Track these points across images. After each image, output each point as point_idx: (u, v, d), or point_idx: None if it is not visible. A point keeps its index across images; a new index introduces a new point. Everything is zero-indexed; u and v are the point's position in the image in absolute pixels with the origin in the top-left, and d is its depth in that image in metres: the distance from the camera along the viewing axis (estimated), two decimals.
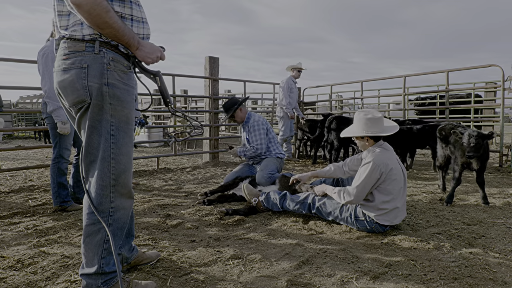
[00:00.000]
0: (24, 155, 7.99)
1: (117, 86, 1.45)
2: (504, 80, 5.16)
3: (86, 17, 1.32)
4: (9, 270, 1.92)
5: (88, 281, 1.50)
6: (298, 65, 6.50)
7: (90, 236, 1.49)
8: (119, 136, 1.47)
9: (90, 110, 1.42)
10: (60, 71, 1.43)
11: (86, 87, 1.39)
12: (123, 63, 1.48)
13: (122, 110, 1.47)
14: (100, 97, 1.41)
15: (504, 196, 3.58)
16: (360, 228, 2.51)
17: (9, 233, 2.55)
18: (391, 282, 1.78)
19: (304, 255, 2.10)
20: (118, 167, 1.48)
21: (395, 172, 2.41)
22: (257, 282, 1.77)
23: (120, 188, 1.50)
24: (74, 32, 1.40)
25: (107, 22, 1.33)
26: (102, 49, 1.41)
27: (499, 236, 2.42)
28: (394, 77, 6.75)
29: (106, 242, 1.50)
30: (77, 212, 3.10)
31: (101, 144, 1.44)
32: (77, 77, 1.39)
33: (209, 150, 6.49)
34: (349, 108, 11.77)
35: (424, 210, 3.09)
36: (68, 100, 1.45)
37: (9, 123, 15.52)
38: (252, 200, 3.07)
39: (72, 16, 1.41)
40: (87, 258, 1.50)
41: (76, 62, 1.39)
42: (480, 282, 1.76)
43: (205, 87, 6.47)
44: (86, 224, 1.50)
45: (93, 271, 1.49)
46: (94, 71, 1.40)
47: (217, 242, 2.34)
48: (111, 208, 1.49)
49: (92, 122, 1.43)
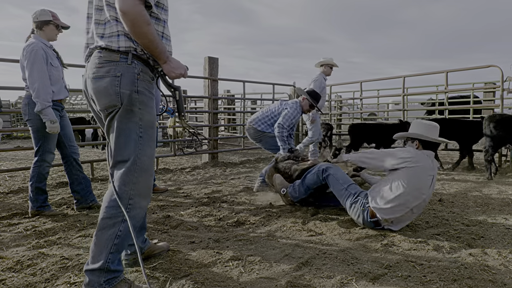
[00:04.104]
0: (23, 156, 7.97)
1: (144, 94, 1.59)
2: (503, 80, 5.17)
3: (129, 25, 1.45)
4: (8, 271, 1.92)
5: (90, 278, 1.52)
6: (330, 60, 5.74)
7: (103, 230, 1.55)
8: (145, 138, 1.60)
9: (120, 114, 1.55)
10: (94, 78, 1.55)
11: (118, 93, 1.52)
12: (149, 75, 1.63)
13: (149, 115, 1.61)
14: (131, 103, 1.54)
15: (504, 197, 3.59)
16: (353, 207, 2.61)
17: (8, 234, 2.55)
18: (390, 283, 1.78)
19: (304, 256, 2.10)
20: (141, 166, 1.58)
21: (419, 174, 2.43)
22: (256, 283, 1.77)
23: (140, 187, 1.59)
24: (111, 43, 1.53)
25: (145, 33, 1.46)
26: (134, 61, 1.56)
27: (498, 237, 2.43)
28: (394, 77, 6.76)
29: (118, 238, 1.55)
30: (76, 213, 3.10)
31: (129, 145, 1.56)
32: (111, 84, 1.52)
33: (208, 150, 6.49)
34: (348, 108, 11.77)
35: (423, 211, 3.10)
36: (100, 104, 1.57)
37: (8, 123, 15.48)
38: (281, 191, 3.22)
39: (108, 26, 1.54)
40: (95, 252, 1.54)
41: (111, 71, 1.53)
42: (480, 284, 1.76)
43: (204, 88, 6.46)
44: (102, 217, 1.56)
45: (98, 266, 1.51)
46: (126, 79, 1.53)
47: (216, 243, 2.34)
48: (129, 204, 1.56)
49: (122, 125, 1.55)
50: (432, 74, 6.24)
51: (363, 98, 7.29)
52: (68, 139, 3.15)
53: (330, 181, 2.83)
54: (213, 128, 6.47)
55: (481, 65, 5.41)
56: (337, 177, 2.82)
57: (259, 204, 3.40)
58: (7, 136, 14.07)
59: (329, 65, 5.74)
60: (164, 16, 1.65)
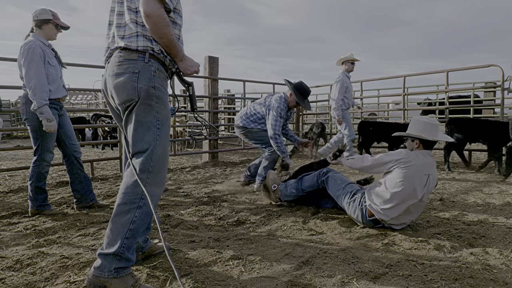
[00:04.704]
0: (23, 155, 7.97)
1: (160, 90, 1.70)
2: (504, 80, 5.16)
3: (151, 27, 1.60)
4: (8, 270, 1.91)
5: (103, 262, 1.57)
6: (350, 56, 5.60)
7: (119, 215, 1.61)
8: (162, 131, 1.70)
9: (137, 107, 1.65)
10: (114, 75, 1.67)
11: (135, 88, 1.64)
12: (164, 73, 1.76)
13: (165, 109, 1.73)
14: (148, 97, 1.65)
15: (504, 196, 3.58)
16: (351, 206, 2.62)
17: (8, 233, 2.54)
18: (391, 282, 1.77)
19: (304, 255, 2.10)
20: (157, 156, 1.67)
21: (413, 173, 2.41)
22: (257, 282, 1.77)
23: (155, 176, 1.67)
24: (130, 43, 1.66)
25: (165, 33, 1.62)
26: (151, 60, 1.68)
27: (499, 236, 2.42)
28: (394, 77, 6.75)
29: (133, 223, 1.61)
30: (76, 212, 3.09)
31: (147, 136, 1.65)
32: (129, 80, 1.64)
33: (208, 150, 6.48)
34: None
35: (424, 210, 3.09)
36: (119, 99, 1.67)
37: (8, 123, 15.49)
38: (272, 186, 3.24)
39: (127, 28, 1.68)
40: (110, 238, 1.59)
41: (130, 68, 1.65)
42: (481, 283, 1.76)
43: (204, 87, 6.46)
44: (118, 203, 1.63)
45: (113, 251, 1.57)
46: (144, 76, 1.65)
47: (217, 243, 2.33)
48: (143, 192, 1.62)
49: (141, 118, 1.65)
50: (433, 73, 6.23)
51: (363, 98, 7.27)
52: (69, 138, 3.14)
53: (328, 182, 2.84)
54: (213, 128, 6.47)
55: (482, 65, 5.40)
56: (335, 178, 2.83)
57: (260, 203, 3.40)
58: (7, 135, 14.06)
59: (350, 60, 5.60)
60: (180, 22, 1.81)
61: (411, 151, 2.54)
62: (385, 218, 2.46)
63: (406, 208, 2.43)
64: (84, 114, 12.12)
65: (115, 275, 1.56)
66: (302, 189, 3.04)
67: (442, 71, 5.88)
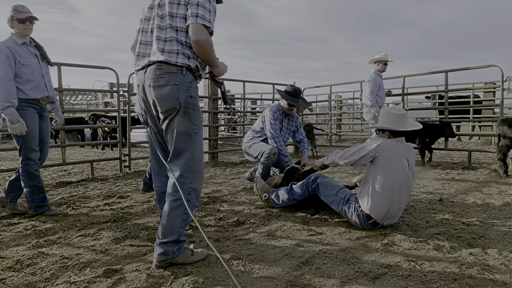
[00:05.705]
0: None
1: (195, 98, 1.96)
2: (503, 80, 5.17)
3: (198, 49, 1.88)
4: (8, 271, 1.91)
5: (166, 248, 1.88)
6: (383, 57, 5.44)
7: (173, 210, 1.90)
8: (198, 134, 1.97)
9: (179, 115, 1.90)
10: (157, 87, 1.89)
11: (177, 98, 1.88)
12: (196, 82, 2.03)
13: (200, 115, 2.00)
14: (187, 105, 1.90)
15: (504, 197, 3.59)
16: (347, 212, 2.61)
17: (8, 233, 2.55)
18: (391, 282, 1.77)
19: (304, 255, 2.10)
20: (196, 157, 1.94)
21: (393, 157, 2.49)
22: (257, 283, 1.77)
23: (197, 173, 1.95)
24: (170, 57, 1.87)
25: (209, 53, 1.92)
26: (187, 73, 1.93)
27: (498, 236, 2.42)
28: (394, 77, 6.75)
29: (185, 214, 1.91)
30: (76, 213, 3.10)
31: (188, 140, 1.92)
32: (172, 91, 1.87)
33: (208, 150, 6.49)
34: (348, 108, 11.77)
35: (424, 211, 3.10)
36: (162, 108, 1.90)
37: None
38: (263, 196, 3.24)
39: (168, 44, 1.89)
40: (167, 229, 1.89)
41: (171, 81, 1.88)
42: (480, 283, 1.76)
43: (204, 87, 6.47)
44: (170, 200, 1.91)
45: (173, 239, 1.88)
46: (182, 87, 1.89)
47: (216, 243, 2.33)
48: (190, 188, 1.91)
49: (180, 124, 1.90)
50: (432, 74, 6.23)
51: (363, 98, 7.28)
52: (41, 142, 3.01)
53: (319, 190, 2.82)
54: (213, 128, 6.47)
55: (481, 65, 5.40)
56: (325, 185, 2.80)
57: (259, 203, 3.40)
58: (7, 136, 14.05)
59: (383, 61, 5.48)
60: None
61: None
62: (381, 215, 2.47)
63: (394, 200, 2.47)
64: (83, 114, 12.11)
65: (178, 253, 1.91)
66: (294, 199, 3.01)
67: (442, 71, 5.88)
